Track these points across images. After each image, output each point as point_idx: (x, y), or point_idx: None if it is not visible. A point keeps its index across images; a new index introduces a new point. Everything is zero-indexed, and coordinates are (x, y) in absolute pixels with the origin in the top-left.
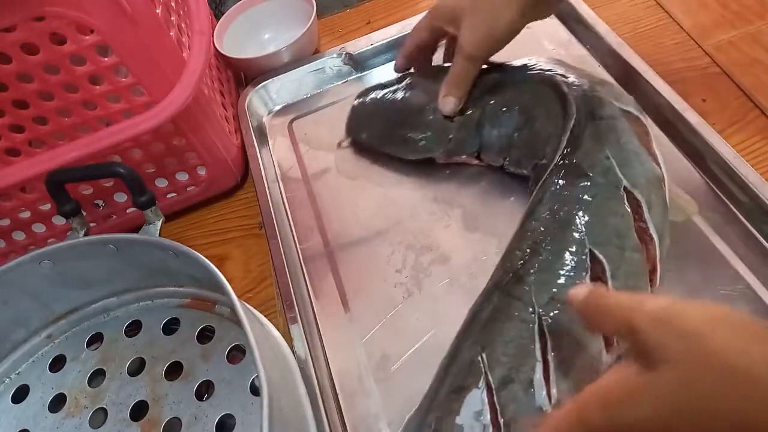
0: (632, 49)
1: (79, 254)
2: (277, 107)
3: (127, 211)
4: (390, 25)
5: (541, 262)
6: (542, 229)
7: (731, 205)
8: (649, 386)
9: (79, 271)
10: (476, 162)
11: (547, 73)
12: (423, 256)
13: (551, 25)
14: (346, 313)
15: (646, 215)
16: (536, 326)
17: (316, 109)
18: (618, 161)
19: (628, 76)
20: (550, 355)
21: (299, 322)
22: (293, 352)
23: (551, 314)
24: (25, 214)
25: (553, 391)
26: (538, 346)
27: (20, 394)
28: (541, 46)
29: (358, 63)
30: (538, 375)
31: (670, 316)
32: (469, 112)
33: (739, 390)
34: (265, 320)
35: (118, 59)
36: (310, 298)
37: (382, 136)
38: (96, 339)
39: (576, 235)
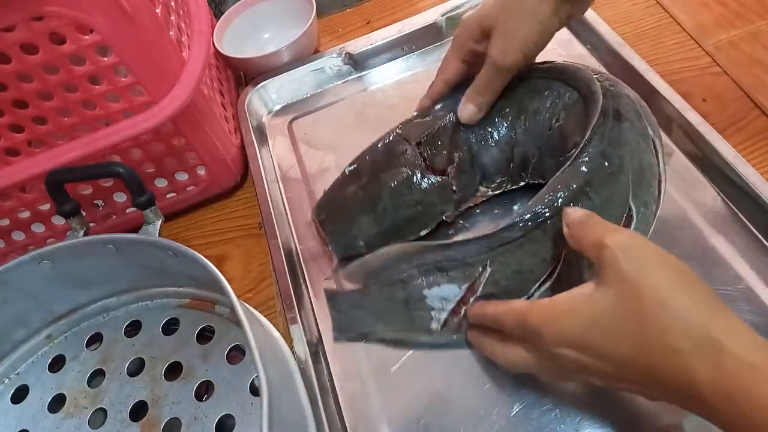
0: (633, 49)
1: (79, 254)
2: (277, 107)
3: (127, 211)
4: (390, 24)
5: (588, 208)
6: (594, 170)
7: (732, 205)
8: (590, 301)
9: (78, 271)
10: (482, 199)
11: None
12: None
13: None
14: None
15: (661, 166)
16: (551, 270)
17: (316, 108)
18: (640, 108)
19: (628, 76)
20: (538, 293)
21: (299, 322)
22: (293, 353)
23: (570, 262)
24: (25, 214)
25: None
26: (537, 285)
27: (20, 395)
28: None
29: (358, 63)
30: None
31: (634, 244)
32: (457, 155)
33: (663, 321)
34: (265, 320)
35: (117, 59)
36: (310, 298)
37: (381, 233)
38: (96, 339)
39: (624, 186)
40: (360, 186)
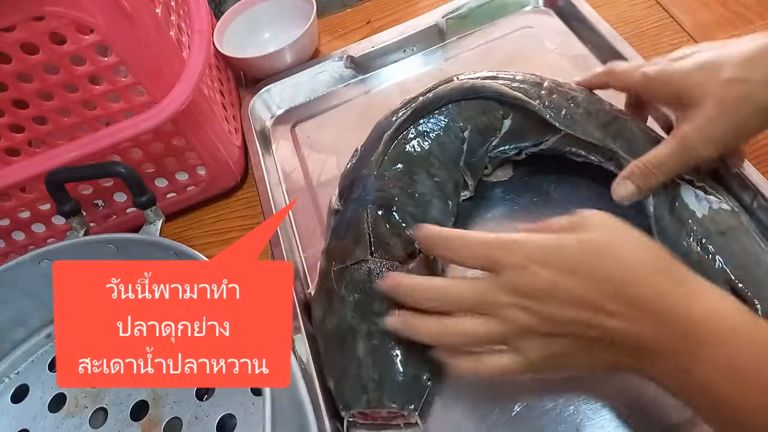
0: (633, 49)
1: (79, 254)
2: (280, 111)
3: (127, 211)
4: (390, 24)
5: None
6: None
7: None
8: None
9: None
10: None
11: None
12: None
13: (553, 23)
14: None
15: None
16: None
17: (319, 112)
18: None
19: None
20: None
21: (301, 323)
22: (294, 353)
23: None
24: (25, 214)
25: None
26: None
27: (20, 394)
28: (542, 46)
29: (360, 65)
30: None
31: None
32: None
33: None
34: None
35: (118, 59)
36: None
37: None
38: None
39: None
40: (365, 337)
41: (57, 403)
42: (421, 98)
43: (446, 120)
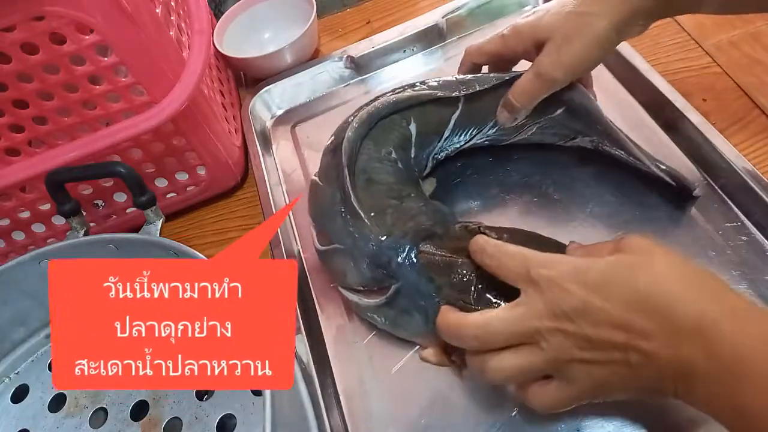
0: (633, 49)
1: (79, 254)
2: (280, 112)
3: (127, 210)
4: (390, 24)
5: None
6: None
7: (733, 205)
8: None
9: None
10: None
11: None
12: None
13: None
14: (347, 314)
15: None
16: None
17: (319, 112)
18: None
19: (629, 75)
20: None
21: (301, 323)
22: (295, 353)
23: None
24: (25, 214)
25: None
26: None
27: (20, 394)
28: None
29: (360, 66)
30: None
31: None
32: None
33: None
34: None
35: (117, 59)
36: (312, 299)
37: None
38: None
39: None
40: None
41: (57, 403)
42: (342, 150)
43: (372, 154)
